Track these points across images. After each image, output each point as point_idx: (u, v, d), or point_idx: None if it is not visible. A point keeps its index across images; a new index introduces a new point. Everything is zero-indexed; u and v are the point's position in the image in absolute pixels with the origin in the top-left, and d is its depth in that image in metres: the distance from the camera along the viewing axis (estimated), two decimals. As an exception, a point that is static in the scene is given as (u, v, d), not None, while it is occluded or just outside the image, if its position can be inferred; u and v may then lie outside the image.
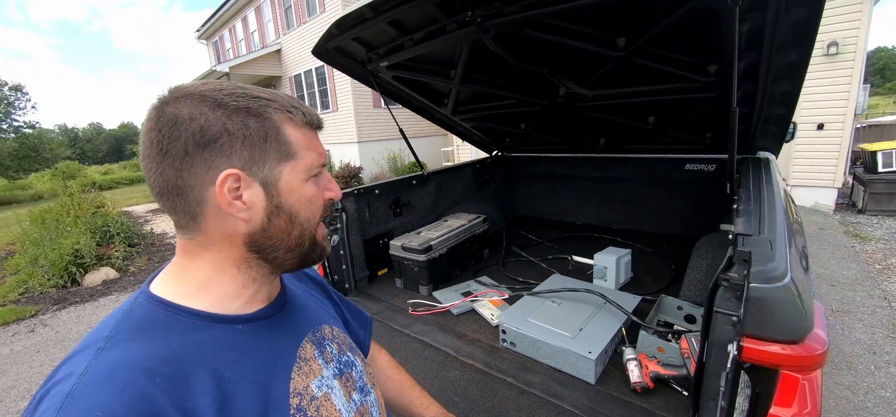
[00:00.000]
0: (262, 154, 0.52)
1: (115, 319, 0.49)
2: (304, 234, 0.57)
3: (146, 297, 0.51)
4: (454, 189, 2.86)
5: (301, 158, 0.55)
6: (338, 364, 0.66)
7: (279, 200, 0.54)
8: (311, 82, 12.41)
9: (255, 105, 0.52)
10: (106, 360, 0.43)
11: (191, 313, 0.51)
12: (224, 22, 16.05)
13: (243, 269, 0.55)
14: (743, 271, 0.83)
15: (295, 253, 0.57)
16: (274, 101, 0.54)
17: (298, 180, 0.55)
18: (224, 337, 0.52)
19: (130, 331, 0.47)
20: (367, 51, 1.94)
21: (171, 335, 0.48)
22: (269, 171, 0.52)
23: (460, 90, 2.24)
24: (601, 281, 1.90)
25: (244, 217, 0.52)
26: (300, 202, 0.56)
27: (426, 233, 2.16)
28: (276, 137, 0.53)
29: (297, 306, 0.66)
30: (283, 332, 0.60)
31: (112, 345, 0.45)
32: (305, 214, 0.57)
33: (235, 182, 0.50)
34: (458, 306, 1.79)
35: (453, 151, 11.90)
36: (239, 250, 0.54)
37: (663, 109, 2.07)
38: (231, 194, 0.50)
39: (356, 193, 2.13)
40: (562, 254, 2.40)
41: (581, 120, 2.38)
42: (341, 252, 2.10)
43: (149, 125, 0.49)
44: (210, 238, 0.53)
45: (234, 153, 0.50)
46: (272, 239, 0.55)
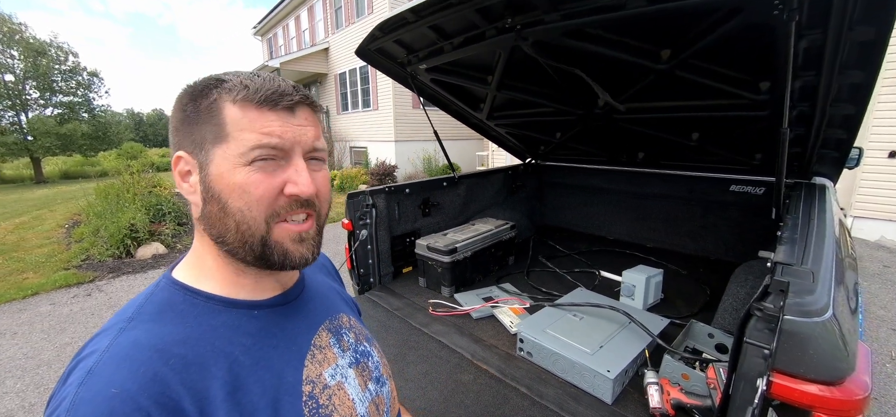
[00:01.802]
0: (201, 136, 0.49)
1: (138, 301, 0.51)
2: (241, 227, 0.50)
3: (167, 281, 0.53)
4: (484, 194, 2.86)
5: (234, 139, 0.48)
6: (354, 353, 0.65)
7: (208, 183, 0.50)
8: (355, 80, 12.79)
9: (207, 84, 0.50)
10: (125, 340, 0.45)
11: (208, 297, 0.52)
12: (279, 20, 16.90)
13: (223, 256, 0.53)
14: (779, 301, 0.78)
15: (246, 250, 0.51)
16: (228, 80, 0.50)
17: (229, 164, 0.49)
18: (239, 322, 0.52)
19: (151, 313, 0.49)
20: (407, 53, 1.99)
21: (188, 318, 0.49)
22: (205, 154, 0.50)
23: (496, 96, 2.24)
24: (628, 300, 1.83)
25: (194, 201, 0.52)
26: (229, 189, 0.49)
27: (452, 235, 2.18)
28: (211, 118, 0.49)
29: (316, 294, 0.66)
30: (298, 319, 0.59)
31: (133, 326, 0.47)
32: (236, 204, 0.49)
33: (185, 165, 0.51)
34: (478, 310, 1.79)
35: (488, 155, 11.87)
36: (206, 237, 0.53)
37: (708, 125, 1.97)
38: (180, 176, 0.52)
39: (387, 191, 2.19)
40: (590, 268, 2.33)
41: (619, 132, 2.31)
42: (369, 247, 2.15)
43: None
44: (197, 224, 0.54)
45: (184, 136, 0.51)
46: (214, 228, 0.51)
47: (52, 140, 19.89)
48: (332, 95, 14.13)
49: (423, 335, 1.68)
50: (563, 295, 1.86)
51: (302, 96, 0.52)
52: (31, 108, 21.25)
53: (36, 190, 16.67)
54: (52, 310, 3.95)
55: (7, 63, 20.25)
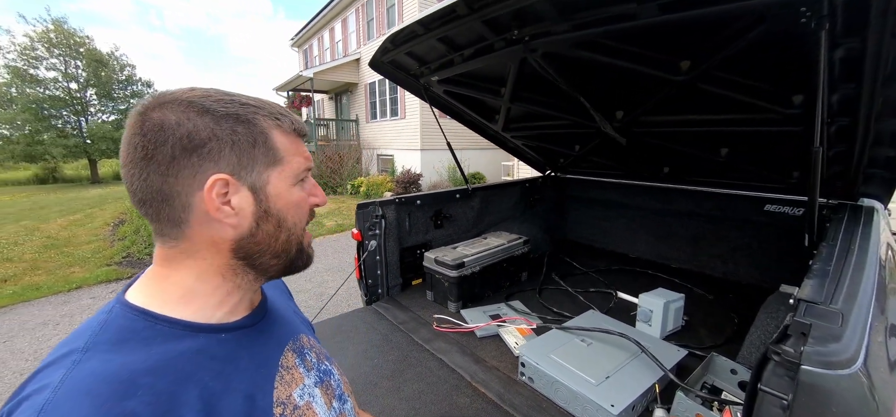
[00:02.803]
0: (250, 159, 0.52)
1: (89, 329, 0.46)
2: (290, 239, 0.57)
3: (123, 306, 0.49)
4: (499, 207, 2.79)
5: (288, 163, 0.55)
6: (318, 372, 0.66)
7: (267, 204, 0.53)
8: (383, 90, 13.05)
9: (242, 112, 0.52)
10: (83, 372, 0.41)
11: (172, 322, 0.49)
12: (314, 32, 17.58)
13: (228, 277, 0.54)
14: (798, 346, 0.69)
15: (281, 259, 0.57)
16: (261, 108, 0.54)
17: (286, 184, 0.55)
18: (207, 347, 0.51)
19: (108, 342, 0.45)
20: (419, 65, 1.99)
21: (152, 346, 0.46)
22: (257, 176, 0.52)
23: (511, 108, 2.19)
24: (645, 326, 1.72)
25: (232, 223, 0.51)
26: (288, 207, 0.56)
27: (462, 249, 2.13)
28: (264, 143, 0.53)
29: (277, 314, 0.66)
30: (265, 341, 0.59)
31: (89, 357, 0.43)
32: (293, 219, 0.57)
33: (224, 187, 0.50)
34: (482, 328, 1.73)
35: (514, 165, 11.73)
36: (224, 257, 0.53)
37: (738, 140, 1.83)
38: (219, 199, 0.50)
39: (397, 201, 2.17)
40: (607, 288, 2.22)
41: (641, 146, 2.19)
42: (378, 258, 2.14)
43: (132, 131, 0.48)
44: (194, 245, 0.52)
45: (221, 158, 0.50)
46: (260, 244, 0.54)
47: (107, 144, 21.51)
48: (362, 104, 14.48)
49: (424, 352, 1.64)
50: (573, 317, 1.76)
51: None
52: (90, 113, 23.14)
53: (91, 189, 18.05)
54: (91, 304, 4.21)
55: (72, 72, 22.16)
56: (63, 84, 21.82)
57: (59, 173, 24.15)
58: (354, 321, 1.96)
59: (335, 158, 12.51)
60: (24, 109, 20.43)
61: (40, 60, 21.16)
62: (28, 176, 23.77)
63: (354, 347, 1.73)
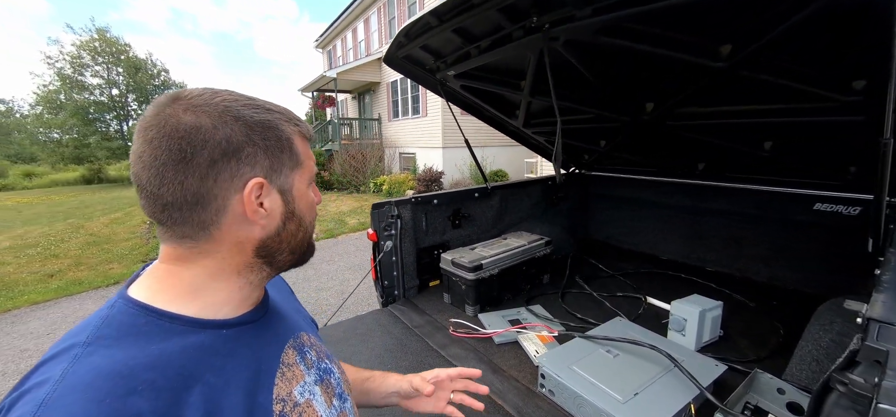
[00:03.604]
0: (280, 163, 0.54)
1: (92, 324, 0.46)
2: (306, 236, 0.60)
3: (126, 301, 0.49)
4: (520, 206, 2.69)
5: (306, 166, 0.59)
6: (318, 371, 0.66)
7: (294, 205, 0.57)
8: (405, 88, 13.08)
9: (269, 118, 0.54)
10: (84, 367, 0.42)
11: (174, 317, 0.49)
12: (338, 33, 17.85)
13: (244, 274, 0.56)
14: (872, 377, 0.57)
15: (295, 255, 0.60)
16: (282, 114, 0.56)
17: (305, 186, 0.59)
18: (209, 343, 0.51)
19: (110, 336, 0.45)
20: (434, 59, 1.92)
21: (154, 341, 0.46)
22: (284, 179, 0.55)
23: (531, 102, 2.09)
24: (678, 335, 1.58)
25: (263, 224, 0.53)
26: (307, 207, 0.59)
27: (480, 250, 2.05)
28: (289, 148, 0.55)
29: (278, 311, 0.66)
30: (266, 337, 0.59)
31: (90, 352, 0.43)
32: (309, 217, 0.60)
33: (260, 190, 0.52)
34: (501, 335, 1.65)
35: (537, 162, 11.49)
36: (246, 256, 0.55)
37: (785, 133, 1.66)
38: (257, 200, 0.52)
39: (413, 201, 2.12)
40: (635, 293, 2.08)
41: (673, 141, 2.04)
42: (393, 259, 2.10)
43: (164, 132, 0.47)
44: (217, 245, 0.52)
45: (257, 163, 0.52)
46: (283, 243, 0.57)
47: (146, 146, 22.72)
48: (384, 102, 14.57)
49: (440, 358, 1.57)
50: (599, 324, 1.65)
51: None
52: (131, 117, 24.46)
53: (131, 189, 19.05)
54: (126, 300, 4.40)
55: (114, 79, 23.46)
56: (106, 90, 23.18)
57: (104, 173, 25.67)
58: (369, 324, 1.91)
59: (358, 157, 12.65)
60: (73, 114, 21.83)
61: (86, 67, 22.54)
62: (76, 177, 25.40)
63: (368, 350, 1.69)
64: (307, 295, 4.52)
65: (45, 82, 22.03)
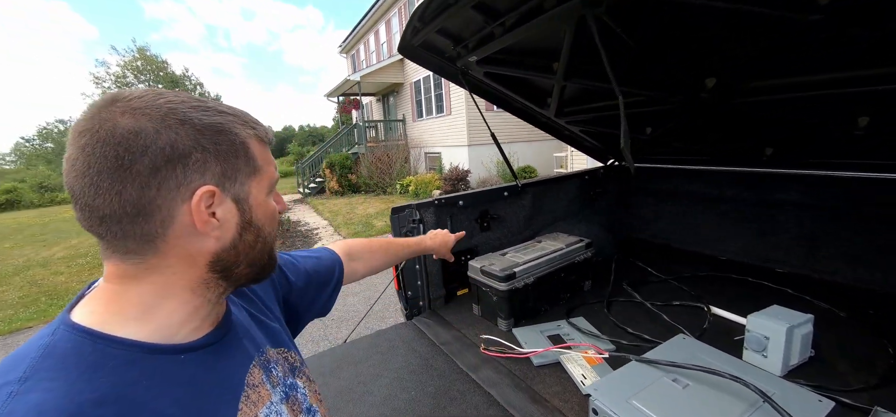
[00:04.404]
0: (234, 170, 0.50)
1: (29, 355, 0.41)
2: (265, 248, 0.56)
3: (68, 327, 0.44)
4: (555, 204, 2.45)
5: (265, 172, 0.54)
6: (284, 388, 0.63)
7: (250, 215, 0.53)
8: (429, 87, 12.96)
9: (220, 120, 0.49)
10: (22, 406, 0.36)
11: (125, 344, 0.44)
12: (360, 37, 18.00)
13: (199, 291, 0.51)
14: None
15: (254, 268, 0.56)
16: (236, 116, 0.52)
17: (263, 194, 0.55)
18: (165, 370, 0.46)
19: (51, 369, 0.40)
20: (454, 44, 1.72)
21: (100, 372, 0.42)
22: (239, 187, 0.51)
23: (565, 86, 1.85)
24: (756, 357, 1.31)
25: (216, 235, 0.50)
26: (266, 216, 0.55)
27: (513, 256, 1.84)
28: (245, 153, 0.51)
29: (242, 328, 0.61)
30: (229, 359, 0.55)
31: (29, 388, 0.38)
32: (269, 227, 0.56)
33: (210, 199, 0.48)
34: (540, 355, 1.43)
35: (566, 156, 11.04)
36: (199, 271, 0.50)
37: (888, 104, 1.34)
38: (207, 210, 0.48)
39: (436, 203, 1.93)
40: (695, 302, 1.80)
41: (735, 122, 1.75)
42: (417, 267, 1.92)
43: (98, 137, 0.42)
44: (165, 260, 0.47)
45: (207, 170, 0.47)
46: (239, 256, 0.53)
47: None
48: (408, 103, 14.52)
49: (470, 383, 1.38)
50: (657, 344, 1.40)
51: None
52: (171, 131, 25.87)
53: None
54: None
55: (156, 96, 24.83)
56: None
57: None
58: (392, 339, 1.75)
59: (384, 158, 12.66)
60: (119, 131, 23.32)
61: (130, 85, 23.96)
62: (125, 189, 27.13)
63: (390, 372, 1.52)
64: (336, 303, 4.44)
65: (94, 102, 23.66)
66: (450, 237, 1.43)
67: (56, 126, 33.04)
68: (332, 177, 12.98)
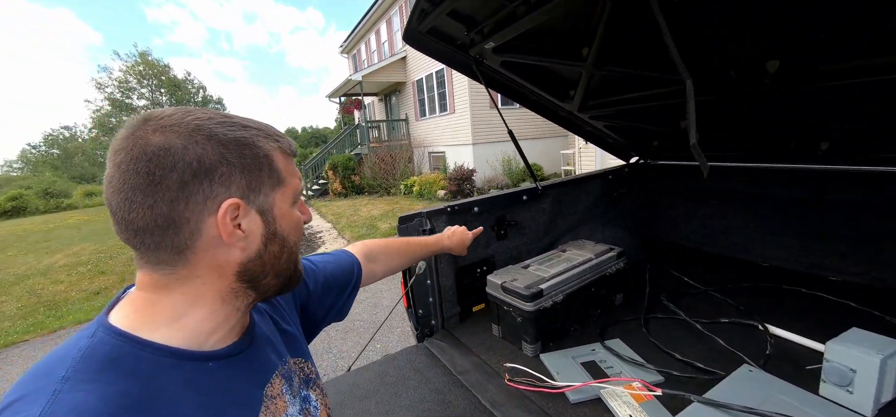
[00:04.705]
0: (258, 182, 0.51)
1: (71, 355, 0.43)
2: (291, 258, 0.57)
3: (106, 331, 0.46)
4: (576, 207, 2.23)
5: (289, 184, 0.55)
6: (300, 399, 0.64)
7: (275, 226, 0.54)
8: (432, 86, 12.74)
9: (245, 135, 0.51)
10: (66, 406, 0.39)
11: (158, 349, 0.47)
12: (361, 36, 17.80)
13: (228, 300, 0.53)
14: None
15: (281, 279, 0.57)
16: (261, 130, 0.53)
17: (288, 205, 0.55)
18: (192, 377, 0.49)
19: (92, 371, 0.42)
20: (467, 30, 1.51)
21: (137, 377, 0.44)
22: (264, 198, 0.52)
23: (594, 75, 1.63)
24: (838, 392, 1.09)
25: (241, 246, 0.51)
26: (291, 227, 0.56)
27: (536, 269, 1.63)
28: (269, 166, 0.52)
29: (265, 338, 0.62)
30: (252, 369, 0.57)
31: (71, 387, 0.40)
32: (294, 238, 0.57)
33: (235, 211, 0.49)
34: (577, 390, 1.22)
35: (574, 153, 10.79)
36: (227, 281, 0.52)
37: None
38: (232, 223, 0.49)
39: (448, 211, 1.72)
40: (746, 319, 1.57)
41: (792, 112, 1.53)
42: (428, 282, 1.72)
43: (132, 155, 0.45)
44: (194, 271, 0.49)
45: (232, 183, 0.49)
46: (266, 266, 0.54)
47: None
48: (411, 102, 14.32)
49: (495, 425, 1.17)
50: (714, 374, 1.19)
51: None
52: (175, 135, 25.90)
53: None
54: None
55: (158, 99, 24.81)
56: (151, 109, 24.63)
57: (154, 189, 27.33)
58: (402, 367, 1.54)
59: (387, 159, 12.47)
60: (123, 135, 23.35)
61: (133, 90, 23.97)
62: (129, 194, 27.17)
63: (401, 408, 1.31)
64: (338, 310, 4.24)
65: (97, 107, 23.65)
66: (467, 235, 1.48)
67: (61, 132, 33.15)
68: (335, 178, 12.80)
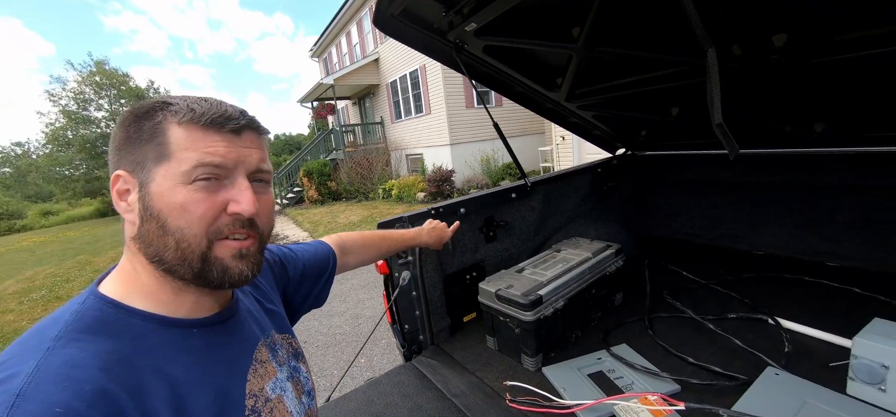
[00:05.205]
0: (143, 155, 0.50)
1: (63, 318, 0.46)
2: (181, 246, 0.51)
3: (96, 297, 0.50)
4: (565, 204, 2.11)
5: (176, 159, 0.50)
6: (289, 368, 0.67)
7: (148, 202, 0.51)
8: (406, 87, 12.53)
9: (153, 107, 0.51)
10: (58, 359, 0.42)
11: (144, 316, 0.50)
12: (331, 39, 17.38)
13: (158, 276, 0.53)
14: None
15: (184, 268, 0.52)
16: (174, 104, 0.51)
17: (171, 183, 0.51)
18: (178, 340, 0.51)
19: (82, 331, 0.45)
20: (445, 10, 1.35)
21: (124, 337, 0.47)
22: (146, 173, 0.51)
23: (584, 59, 1.51)
24: (872, 391, 0.99)
25: (130, 219, 0.52)
26: (169, 208, 0.51)
27: (532, 272, 1.49)
28: (155, 138, 0.50)
29: (248, 313, 0.65)
30: (237, 336, 0.59)
31: (63, 345, 0.43)
32: (176, 222, 0.51)
33: (123, 184, 0.51)
34: (588, 409, 1.08)
35: (551, 150, 10.81)
36: (142, 257, 0.52)
37: None
38: (119, 196, 0.51)
39: (433, 214, 1.56)
40: (754, 313, 1.48)
41: (787, 93, 1.45)
42: (413, 294, 1.55)
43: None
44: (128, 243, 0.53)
45: (124, 156, 0.51)
46: (152, 247, 0.52)
47: (153, 174, 23.04)
48: (385, 104, 14.07)
49: (499, 458, 1.02)
50: (734, 378, 1.08)
51: (248, 120, 0.55)
52: (138, 147, 24.56)
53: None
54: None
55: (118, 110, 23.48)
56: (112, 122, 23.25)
57: (117, 205, 25.83)
58: (388, 394, 1.37)
59: (364, 163, 12.17)
60: (81, 149, 21.89)
61: (89, 102, 22.59)
62: (91, 211, 25.57)
63: (389, 444, 1.14)
64: (318, 323, 4.02)
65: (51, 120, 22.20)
66: (446, 231, 1.42)
67: (12, 149, 30.96)
68: (310, 185, 12.39)
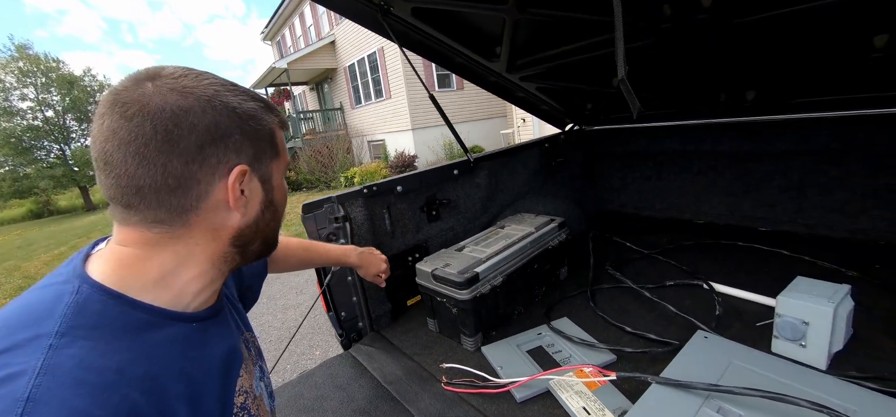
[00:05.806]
0: (262, 152, 0.53)
1: (57, 312, 0.42)
2: (278, 227, 0.60)
3: (91, 287, 0.45)
4: (514, 180, 2.07)
5: (283, 157, 0.58)
6: (257, 367, 0.67)
7: (272, 195, 0.56)
8: (365, 71, 12.14)
9: (253, 106, 0.52)
10: (68, 359, 0.38)
11: (149, 309, 0.48)
12: (284, 20, 16.48)
13: (218, 264, 0.54)
14: None
15: (267, 245, 0.59)
16: (263, 103, 0.54)
17: (281, 177, 0.58)
18: (184, 335, 0.50)
19: (84, 327, 0.42)
20: (370, -29, 1.23)
21: (131, 334, 0.45)
22: (265, 168, 0.54)
23: (519, 22, 1.44)
24: (792, 347, 1.01)
25: (242, 212, 0.52)
26: (282, 197, 0.59)
27: (472, 250, 1.43)
28: (271, 137, 0.55)
29: (231, 306, 0.66)
30: (228, 331, 0.59)
31: (68, 343, 0.40)
32: (283, 207, 0.60)
33: (243, 177, 0.51)
34: (522, 386, 1.04)
35: (513, 132, 10.89)
36: (221, 245, 0.53)
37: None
38: (239, 186, 0.51)
39: (365, 193, 1.46)
40: (690, 279, 1.50)
41: (717, 58, 1.45)
42: (349, 279, 1.45)
43: (147, 110, 0.44)
44: (190, 232, 0.50)
45: (242, 151, 0.50)
46: (258, 232, 0.55)
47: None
48: (344, 89, 13.59)
49: (430, 445, 0.96)
50: (669, 344, 1.07)
51: None
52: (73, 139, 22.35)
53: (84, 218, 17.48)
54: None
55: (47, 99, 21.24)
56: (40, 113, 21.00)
57: (54, 205, 23.56)
58: (321, 386, 1.27)
59: (324, 151, 11.74)
60: (3, 145, 19.67)
61: (11, 90, 20.30)
62: (23, 213, 23.19)
63: (316, 441, 1.05)
64: (273, 317, 3.83)
65: (-36, 114, 19.80)
66: (381, 267, 1.23)
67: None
68: (267, 176, 11.84)
